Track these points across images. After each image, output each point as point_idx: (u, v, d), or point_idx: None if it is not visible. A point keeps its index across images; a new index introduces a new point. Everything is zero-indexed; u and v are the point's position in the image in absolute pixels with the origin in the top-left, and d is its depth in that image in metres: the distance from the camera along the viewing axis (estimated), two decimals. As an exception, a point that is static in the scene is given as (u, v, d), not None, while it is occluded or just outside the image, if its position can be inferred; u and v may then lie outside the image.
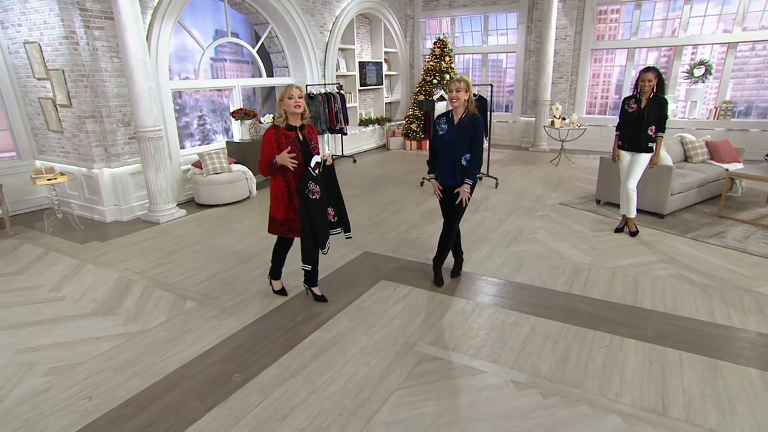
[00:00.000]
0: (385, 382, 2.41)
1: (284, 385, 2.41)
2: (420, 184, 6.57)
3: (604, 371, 2.47)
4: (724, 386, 2.34)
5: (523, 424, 2.11)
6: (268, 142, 2.87)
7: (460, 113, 3.14)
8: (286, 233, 3.07)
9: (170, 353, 2.71)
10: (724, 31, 7.77)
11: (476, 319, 3.04)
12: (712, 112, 7.98)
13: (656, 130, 4.09)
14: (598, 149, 8.71)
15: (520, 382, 2.39)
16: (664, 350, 2.64)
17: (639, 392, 2.30)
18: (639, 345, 2.70)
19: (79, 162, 5.17)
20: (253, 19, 7.45)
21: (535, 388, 2.34)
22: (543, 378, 2.42)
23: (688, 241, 4.28)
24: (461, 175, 3.15)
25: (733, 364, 2.50)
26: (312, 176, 2.85)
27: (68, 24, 4.59)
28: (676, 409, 2.18)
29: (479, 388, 2.36)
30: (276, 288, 3.38)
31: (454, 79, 3.14)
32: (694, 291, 3.35)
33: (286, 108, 2.87)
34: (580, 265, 3.82)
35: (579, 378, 2.42)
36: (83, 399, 2.33)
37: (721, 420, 2.11)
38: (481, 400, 2.27)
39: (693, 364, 2.52)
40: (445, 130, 3.18)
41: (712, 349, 2.64)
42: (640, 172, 4.28)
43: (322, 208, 2.94)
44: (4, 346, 2.81)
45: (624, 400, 2.25)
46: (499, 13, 9.53)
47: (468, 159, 3.13)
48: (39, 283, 3.67)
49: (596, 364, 2.53)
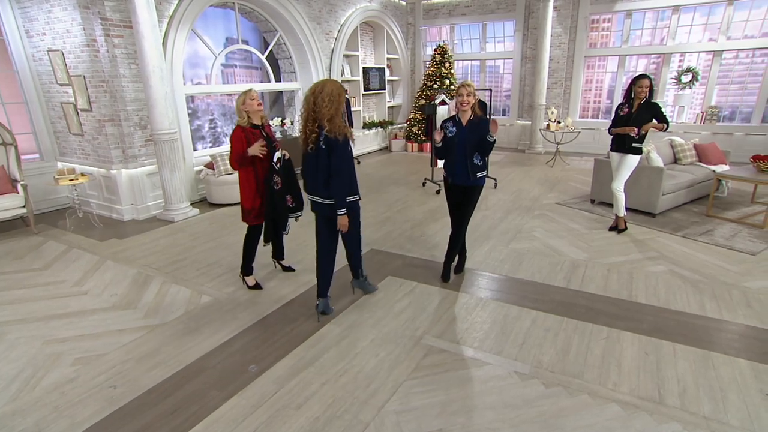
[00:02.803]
0: (395, 373, 2.52)
1: (298, 375, 2.53)
2: (422, 185, 6.70)
3: (602, 362, 2.57)
4: (716, 376, 2.43)
5: (528, 412, 2.21)
6: (239, 140, 3.17)
7: (468, 116, 3.27)
8: (253, 220, 3.40)
9: (189, 345, 2.84)
10: (709, 40, 8.04)
11: (480, 313, 3.15)
12: (699, 117, 8.25)
13: (638, 131, 4.19)
14: (591, 151, 8.95)
15: (524, 373, 2.50)
16: (659, 342, 2.74)
17: (636, 382, 2.40)
18: (635, 337, 2.80)
19: (99, 163, 5.37)
20: (262, 26, 7.64)
21: (538, 379, 2.45)
22: (545, 369, 2.53)
23: (678, 239, 4.39)
24: (473, 173, 3.29)
25: (724, 355, 2.60)
26: (275, 169, 3.18)
27: (89, 32, 4.79)
28: (672, 398, 2.28)
29: (485, 378, 2.47)
30: (250, 284, 3.59)
31: (463, 83, 3.24)
32: (685, 286, 3.45)
33: (248, 109, 3.20)
34: (577, 261, 3.93)
35: (579, 369, 2.52)
36: (108, 387, 2.46)
37: (714, 408, 2.21)
38: (487, 390, 2.38)
39: (686, 355, 2.62)
40: (454, 132, 3.30)
41: (704, 341, 2.75)
42: (627, 173, 4.42)
43: (282, 196, 3.27)
44: (34, 337, 2.97)
45: (622, 389, 2.35)
46: (496, 22, 9.79)
47: (480, 157, 3.29)
48: (63, 278, 3.84)
49: (595, 355, 2.63)
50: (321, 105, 2.67)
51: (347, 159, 2.78)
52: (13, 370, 2.62)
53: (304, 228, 4.53)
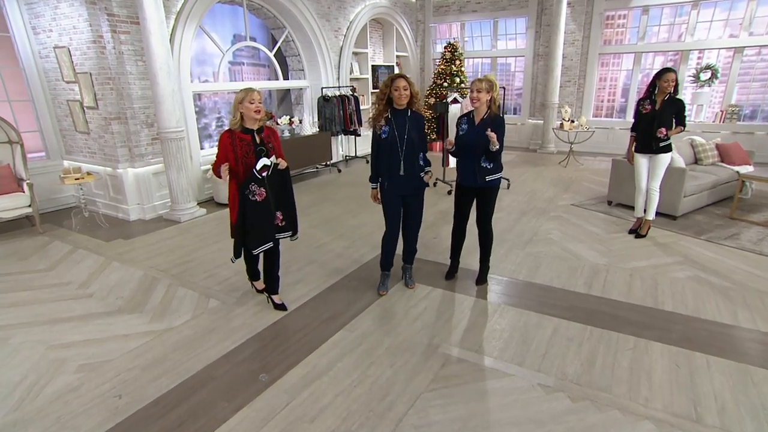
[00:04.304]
0: (412, 385, 2.40)
1: (311, 386, 2.41)
2: (433, 185, 6.56)
3: (631, 375, 2.43)
4: (758, 393, 2.28)
5: (555, 429, 2.08)
6: (224, 146, 2.80)
7: (481, 114, 3.11)
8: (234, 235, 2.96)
9: (196, 352, 2.74)
10: (730, 36, 7.76)
11: (498, 320, 3.02)
12: (718, 116, 7.97)
13: (666, 131, 4.01)
14: (605, 151, 8.75)
15: (548, 386, 2.36)
16: (690, 354, 2.59)
17: (669, 397, 2.26)
18: (664, 348, 2.65)
19: (105, 162, 5.29)
20: (271, 23, 7.53)
21: (563, 392, 2.31)
22: (570, 381, 2.39)
23: (702, 243, 4.23)
24: (482, 176, 3.14)
25: (764, 370, 2.44)
26: (256, 178, 2.77)
27: (96, 29, 4.70)
28: (710, 416, 2.13)
29: (507, 391, 2.34)
30: (259, 288, 3.41)
31: (477, 79, 3.10)
32: (714, 293, 3.29)
33: (244, 111, 2.77)
34: (597, 266, 3.78)
35: (606, 382, 2.38)
36: (113, 397, 2.36)
37: (758, 428, 2.06)
38: (509, 404, 2.25)
39: (722, 368, 2.46)
40: (465, 130, 3.17)
41: (739, 354, 2.59)
42: (662, 172, 4.24)
43: (264, 211, 2.85)
44: (38, 342, 2.88)
45: (655, 405, 2.21)
46: (508, 18, 9.59)
47: (488, 160, 3.12)
48: (68, 279, 3.76)
49: (623, 367, 2.49)
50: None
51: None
52: (17, 377, 2.54)
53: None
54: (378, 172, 3.17)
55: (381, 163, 3.12)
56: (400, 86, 2.95)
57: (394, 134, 3.03)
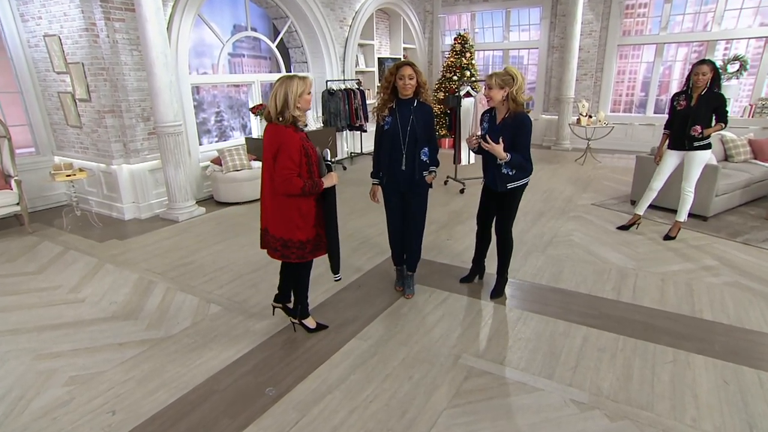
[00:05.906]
0: (432, 400, 2.20)
1: (322, 401, 2.21)
2: (444, 183, 6.34)
3: (674, 392, 2.23)
4: (822, 415, 2.07)
5: (595, 454, 1.88)
6: (297, 150, 2.25)
7: (502, 112, 2.84)
8: (308, 255, 2.51)
9: (197, 363, 2.53)
10: (761, 25, 7.40)
11: (522, 328, 2.81)
12: (747, 110, 7.61)
13: (702, 129, 3.75)
14: (623, 148, 8.45)
15: (582, 402, 2.16)
16: (738, 368, 2.39)
17: (720, 418, 2.05)
18: (708, 361, 2.44)
19: (98, 158, 5.05)
20: (272, 13, 7.28)
21: (600, 410, 2.11)
22: (606, 398, 2.19)
23: (738, 246, 4.00)
24: (503, 184, 2.90)
25: (825, 388, 2.24)
26: (330, 167, 2.49)
27: (88, 15, 4.45)
28: (769, 440, 1.94)
29: (537, 408, 2.14)
30: (311, 326, 2.82)
31: (493, 73, 2.80)
32: (757, 301, 3.07)
33: (302, 105, 2.30)
34: (625, 270, 3.57)
35: (647, 399, 2.18)
36: (106, 413, 2.16)
37: (825, 454, 1.86)
38: (541, 423, 2.04)
39: (776, 386, 2.26)
40: (486, 129, 2.93)
41: (794, 369, 2.38)
42: (697, 172, 3.98)
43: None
44: (24, 350, 2.66)
45: (704, 426, 2.01)
46: (521, 9, 9.26)
47: (508, 167, 2.86)
48: (58, 283, 3.53)
49: (663, 382, 2.29)
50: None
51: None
52: (0, 390, 2.32)
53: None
54: (380, 167, 2.98)
55: (383, 156, 2.92)
56: (405, 75, 2.72)
57: (397, 125, 2.82)
